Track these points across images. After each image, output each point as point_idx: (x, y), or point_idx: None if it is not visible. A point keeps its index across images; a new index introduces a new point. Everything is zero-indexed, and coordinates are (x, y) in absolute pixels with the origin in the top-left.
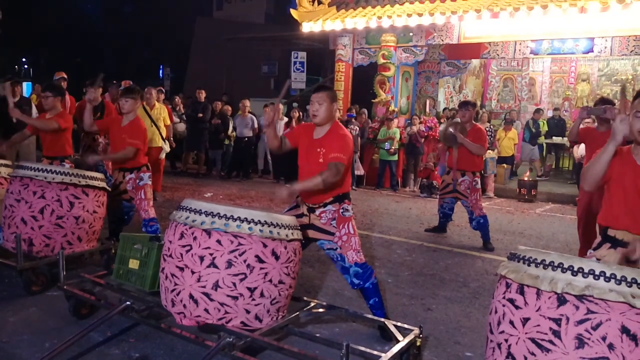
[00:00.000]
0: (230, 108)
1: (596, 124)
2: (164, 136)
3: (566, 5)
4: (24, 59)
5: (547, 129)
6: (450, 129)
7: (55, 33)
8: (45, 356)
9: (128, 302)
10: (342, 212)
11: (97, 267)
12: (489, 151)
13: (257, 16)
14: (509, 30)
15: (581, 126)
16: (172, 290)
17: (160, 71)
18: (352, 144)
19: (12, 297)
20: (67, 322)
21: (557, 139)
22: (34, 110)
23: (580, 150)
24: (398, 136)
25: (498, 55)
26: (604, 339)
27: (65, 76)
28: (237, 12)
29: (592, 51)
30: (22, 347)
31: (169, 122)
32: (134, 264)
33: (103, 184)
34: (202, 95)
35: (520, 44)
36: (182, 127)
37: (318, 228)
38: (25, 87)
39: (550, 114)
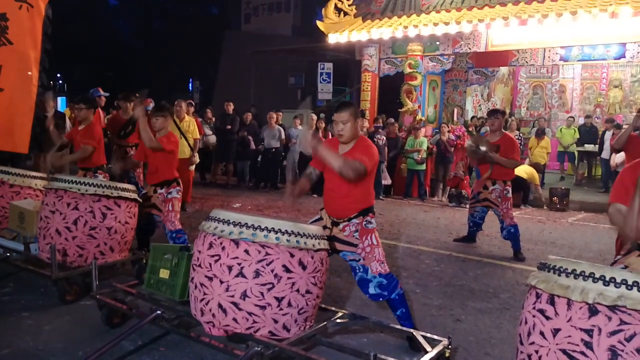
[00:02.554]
0: (255, 122)
1: None
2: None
3: (596, 11)
4: (58, 75)
5: (578, 137)
6: (482, 148)
7: (88, 49)
8: None
9: (159, 312)
10: (365, 224)
11: (129, 277)
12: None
13: (284, 29)
14: (538, 37)
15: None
16: (202, 300)
17: (190, 84)
18: (377, 155)
19: (47, 306)
20: (99, 330)
21: (589, 147)
22: (68, 124)
23: (617, 158)
24: (425, 146)
25: (527, 62)
26: (638, 351)
27: (103, 92)
28: (264, 25)
29: (624, 57)
30: (57, 354)
31: (197, 135)
32: (164, 273)
33: (134, 196)
34: (230, 107)
35: (549, 50)
36: (213, 139)
37: (341, 240)
38: (60, 102)
39: (581, 121)
